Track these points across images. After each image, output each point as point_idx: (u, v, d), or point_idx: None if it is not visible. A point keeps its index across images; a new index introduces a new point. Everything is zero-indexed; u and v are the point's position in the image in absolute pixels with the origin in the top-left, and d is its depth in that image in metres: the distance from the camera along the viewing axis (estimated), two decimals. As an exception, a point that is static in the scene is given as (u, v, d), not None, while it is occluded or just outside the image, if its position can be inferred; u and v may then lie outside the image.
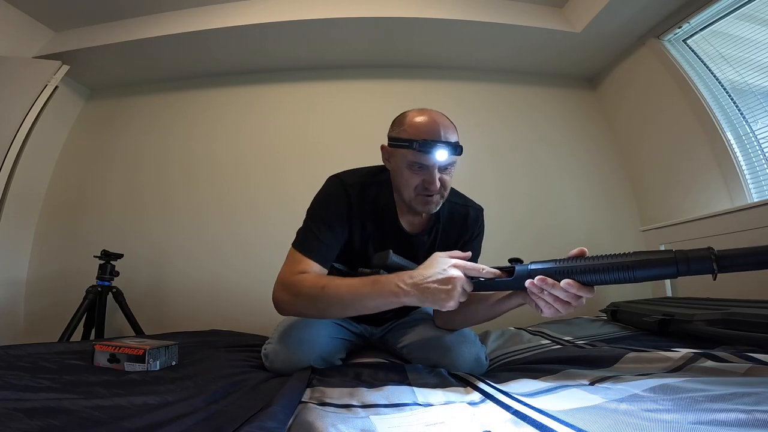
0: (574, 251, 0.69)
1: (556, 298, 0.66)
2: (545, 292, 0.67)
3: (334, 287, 0.83)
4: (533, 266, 0.69)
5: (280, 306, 0.89)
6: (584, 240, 2.29)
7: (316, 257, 0.91)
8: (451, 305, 0.72)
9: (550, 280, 0.66)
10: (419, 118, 0.92)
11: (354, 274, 0.84)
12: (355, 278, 0.82)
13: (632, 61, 2.24)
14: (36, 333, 2.04)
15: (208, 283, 2.20)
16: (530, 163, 2.41)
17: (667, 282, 1.85)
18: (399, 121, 0.96)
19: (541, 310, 0.71)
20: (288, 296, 0.87)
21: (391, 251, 0.80)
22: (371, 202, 0.99)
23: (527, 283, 0.68)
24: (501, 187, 2.35)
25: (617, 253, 0.62)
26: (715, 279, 0.55)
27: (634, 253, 0.61)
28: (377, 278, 0.80)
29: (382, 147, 0.99)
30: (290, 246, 0.96)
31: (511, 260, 0.74)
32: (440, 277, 0.72)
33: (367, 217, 0.98)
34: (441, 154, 0.87)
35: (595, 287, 0.67)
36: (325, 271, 0.94)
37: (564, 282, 0.64)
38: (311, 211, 0.98)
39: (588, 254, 0.68)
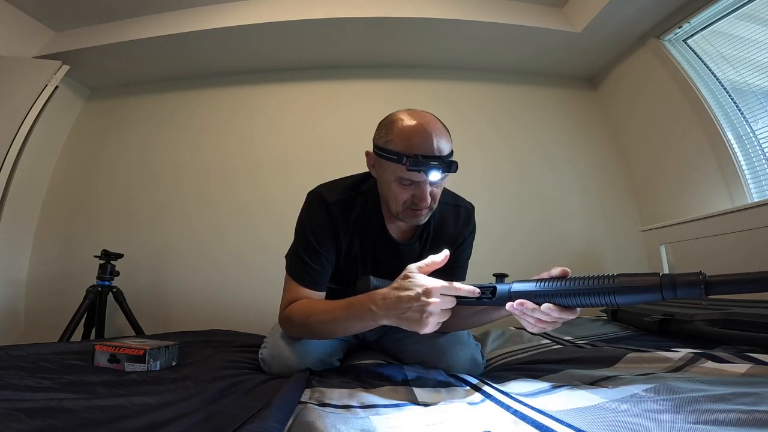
0: (557, 271, 0.64)
1: (539, 319, 0.64)
2: (527, 315, 0.65)
3: (316, 316, 0.84)
4: (515, 287, 0.66)
5: (287, 334, 0.93)
6: (584, 239, 2.30)
7: (308, 284, 0.91)
8: (427, 331, 0.68)
9: (530, 305, 0.63)
10: (409, 126, 0.82)
11: (346, 291, 0.82)
12: (334, 303, 0.82)
13: (632, 61, 2.24)
14: (36, 333, 2.04)
15: (208, 283, 2.20)
16: (530, 162, 2.41)
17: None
18: (386, 128, 0.85)
19: (526, 327, 0.70)
20: (288, 328, 0.92)
21: (371, 277, 0.76)
22: (357, 217, 0.94)
23: (508, 306, 0.66)
24: (500, 186, 2.35)
25: (602, 274, 0.59)
26: (704, 304, 0.54)
27: (619, 275, 0.57)
28: (351, 302, 0.78)
29: (367, 153, 0.91)
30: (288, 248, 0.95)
31: (495, 275, 0.71)
32: (415, 304, 0.67)
33: (354, 232, 0.94)
34: (434, 175, 0.80)
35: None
36: (321, 294, 0.93)
37: (545, 306, 0.62)
38: (298, 236, 0.95)
39: (571, 274, 0.64)
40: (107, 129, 2.47)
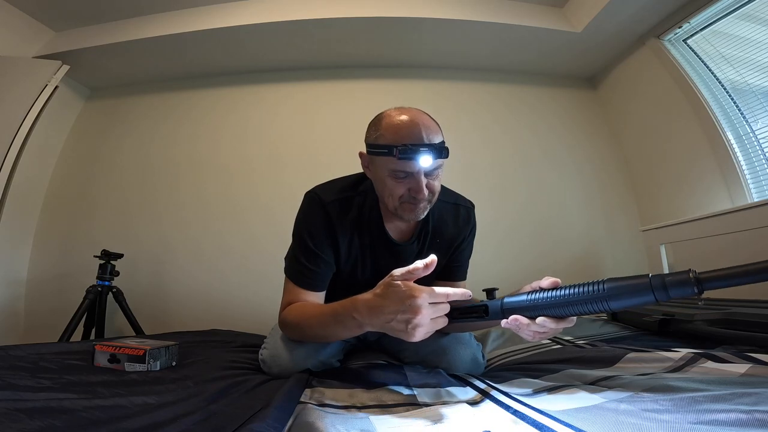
0: (546, 282, 0.63)
1: (536, 331, 0.64)
2: (523, 329, 0.64)
3: (307, 321, 0.84)
4: (506, 303, 0.66)
5: (286, 336, 0.93)
6: (584, 239, 2.30)
7: (306, 286, 0.91)
8: (416, 340, 0.65)
9: (524, 320, 0.63)
10: (397, 120, 0.83)
11: (346, 295, 0.81)
12: (323, 308, 0.82)
13: (632, 61, 2.24)
14: (36, 333, 2.04)
15: (208, 283, 2.20)
16: (530, 162, 2.41)
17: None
18: (375, 125, 0.86)
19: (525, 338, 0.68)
20: (285, 331, 0.92)
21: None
22: (354, 217, 0.93)
23: (503, 323, 0.65)
24: (500, 187, 2.35)
25: (591, 281, 0.58)
26: (700, 302, 0.53)
27: (608, 280, 0.56)
28: (336, 308, 0.76)
29: (361, 154, 0.91)
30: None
31: (486, 290, 0.70)
32: (402, 315, 0.63)
33: (351, 232, 0.93)
34: (425, 160, 0.79)
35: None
36: (320, 295, 0.93)
37: (539, 320, 0.62)
38: (295, 237, 0.94)
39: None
40: (107, 129, 2.47)
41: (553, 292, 0.61)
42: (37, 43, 2.14)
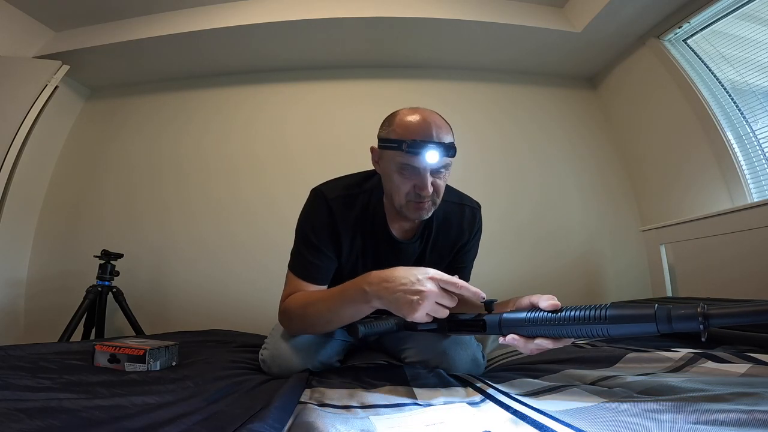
0: (546, 304, 0.63)
1: (533, 349, 0.65)
2: (520, 347, 0.65)
3: (312, 304, 0.85)
4: (505, 318, 0.66)
5: (285, 330, 0.93)
6: (584, 240, 2.29)
7: (308, 278, 0.92)
8: (415, 317, 0.67)
9: (522, 340, 0.64)
10: (410, 117, 0.86)
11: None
12: (330, 290, 0.83)
13: (632, 61, 2.24)
14: (36, 333, 2.04)
15: (208, 283, 2.20)
16: (530, 163, 2.41)
17: (667, 282, 1.86)
18: (389, 121, 0.90)
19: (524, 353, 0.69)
20: (285, 321, 0.92)
21: (359, 326, 0.76)
22: (357, 214, 0.94)
23: (500, 339, 0.67)
24: (500, 187, 2.35)
25: (594, 305, 0.57)
26: (704, 340, 0.52)
27: (612, 305, 0.56)
28: (345, 286, 0.78)
29: (372, 149, 0.94)
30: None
31: (484, 302, 0.69)
32: (411, 287, 0.67)
33: (354, 229, 0.94)
34: (432, 156, 0.81)
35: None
36: (323, 288, 0.94)
37: (537, 340, 0.63)
38: (298, 232, 0.96)
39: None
40: (107, 129, 2.47)
41: (553, 315, 0.61)
42: (37, 43, 2.14)
